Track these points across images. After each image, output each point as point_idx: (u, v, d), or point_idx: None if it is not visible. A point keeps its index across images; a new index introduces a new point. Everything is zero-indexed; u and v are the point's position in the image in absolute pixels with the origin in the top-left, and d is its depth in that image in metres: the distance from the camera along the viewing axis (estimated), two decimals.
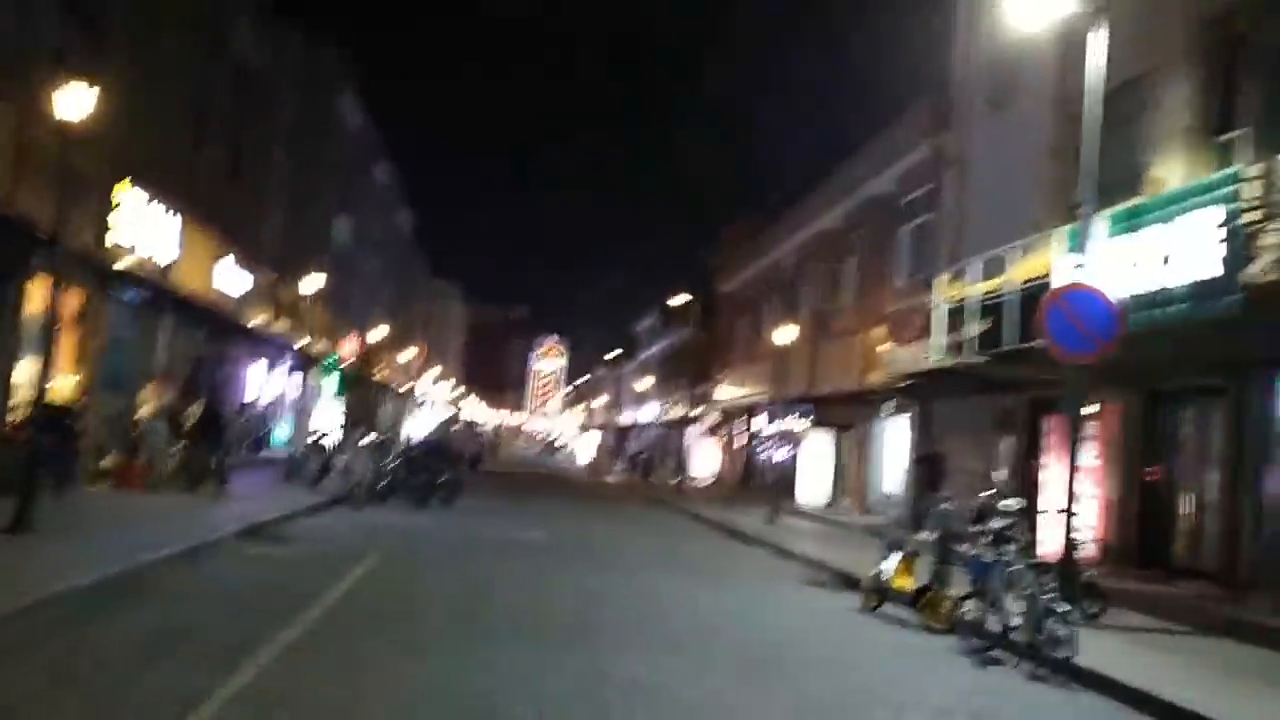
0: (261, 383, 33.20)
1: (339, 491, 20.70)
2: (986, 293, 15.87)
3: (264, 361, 32.87)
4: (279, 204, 38.47)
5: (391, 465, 21.89)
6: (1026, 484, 17.07)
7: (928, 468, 20.31)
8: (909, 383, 21.91)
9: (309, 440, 23.84)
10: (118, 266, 18.88)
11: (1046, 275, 13.99)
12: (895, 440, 26.23)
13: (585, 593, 11.58)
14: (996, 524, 11.32)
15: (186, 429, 18.85)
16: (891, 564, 12.22)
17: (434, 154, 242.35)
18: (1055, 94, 17.41)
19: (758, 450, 40.15)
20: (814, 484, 29.92)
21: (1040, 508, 16.12)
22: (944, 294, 17.35)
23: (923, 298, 20.32)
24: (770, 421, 37.61)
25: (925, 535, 12.19)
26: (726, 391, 42.47)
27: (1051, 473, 16.53)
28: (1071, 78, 17.31)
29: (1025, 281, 14.66)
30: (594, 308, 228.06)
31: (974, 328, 16.33)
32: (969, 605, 10.51)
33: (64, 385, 18.78)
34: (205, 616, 8.28)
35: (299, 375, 37.83)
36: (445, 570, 12.45)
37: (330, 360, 41.80)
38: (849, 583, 14.68)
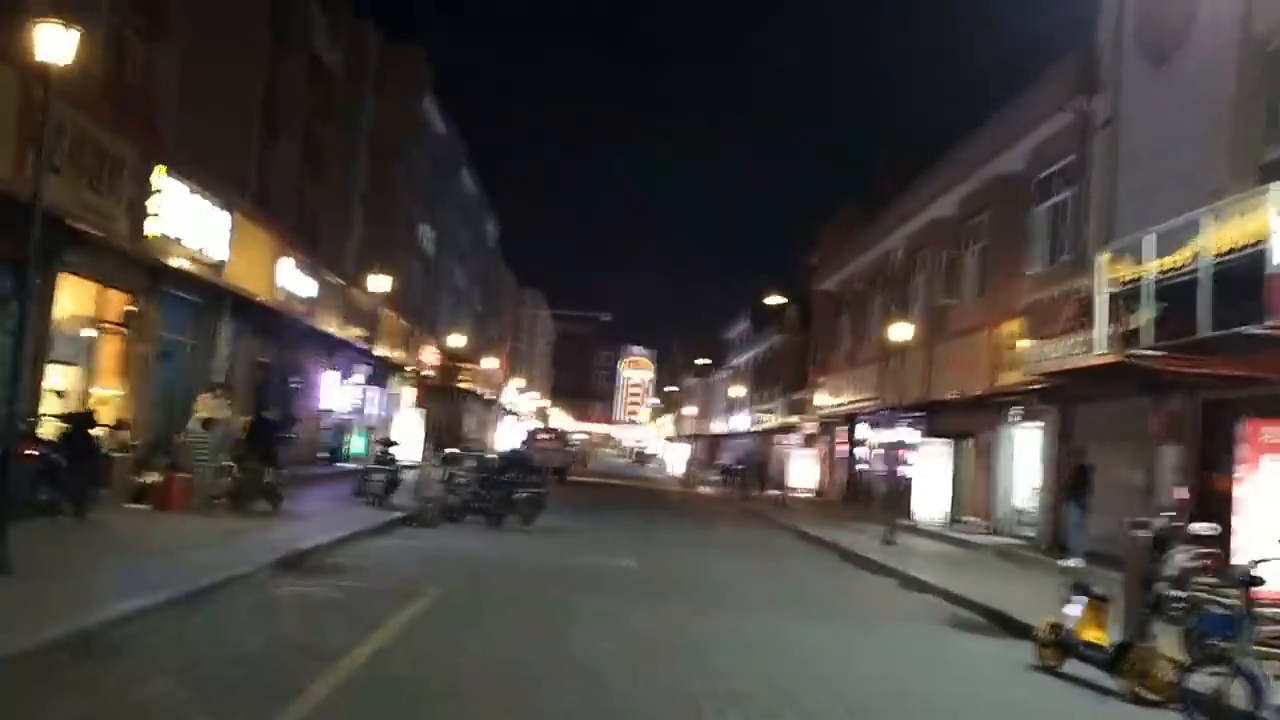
0: (336, 392, 31.58)
1: (409, 509, 18.64)
2: (1165, 271, 13.08)
3: (338, 370, 31.25)
4: (359, 206, 37.20)
5: (466, 480, 19.70)
6: (1203, 503, 14.22)
7: (1079, 481, 17.38)
8: (1047, 384, 19.09)
9: (376, 452, 21.83)
10: (168, 262, 17.13)
11: (1254, 243, 11.23)
12: (1025, 450, 23.34)
13: (690, 647, 9.16)
14: (1181, 556, 8.76)
15: (233, 442, 16.96)
16: (1076, 610, 9.58)
17: (518, 162, 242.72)
18: (1240, 37, 14.56)
19: (862, 461, 37.34)
20: (931, 499, 27.06)
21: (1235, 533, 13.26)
22: (1108, 275, 14.55)
23: (1069, 284, 17.52)
24: (876, 430, 34.85)
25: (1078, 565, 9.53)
26: (826, 398, 39.70)
27: (1249, 490, 13.61)
28: (1264, 15, 14.50)
29: (1222, 254, 11.87)
30: (683, 315, 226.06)
31: (1145, 314, 13.56)
32: (1195, 672, 7.90)
33: (107, 394, 17.17)
34: (161, 699, 6.06)
35: (377, 384, 36.20)
36: (512, 614, 10.15)
37: (412, 369, 40.17)
38: (1002, 622, 12.07)
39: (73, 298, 16.64)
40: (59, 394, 15.41)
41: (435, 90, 45.28)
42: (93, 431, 13.73)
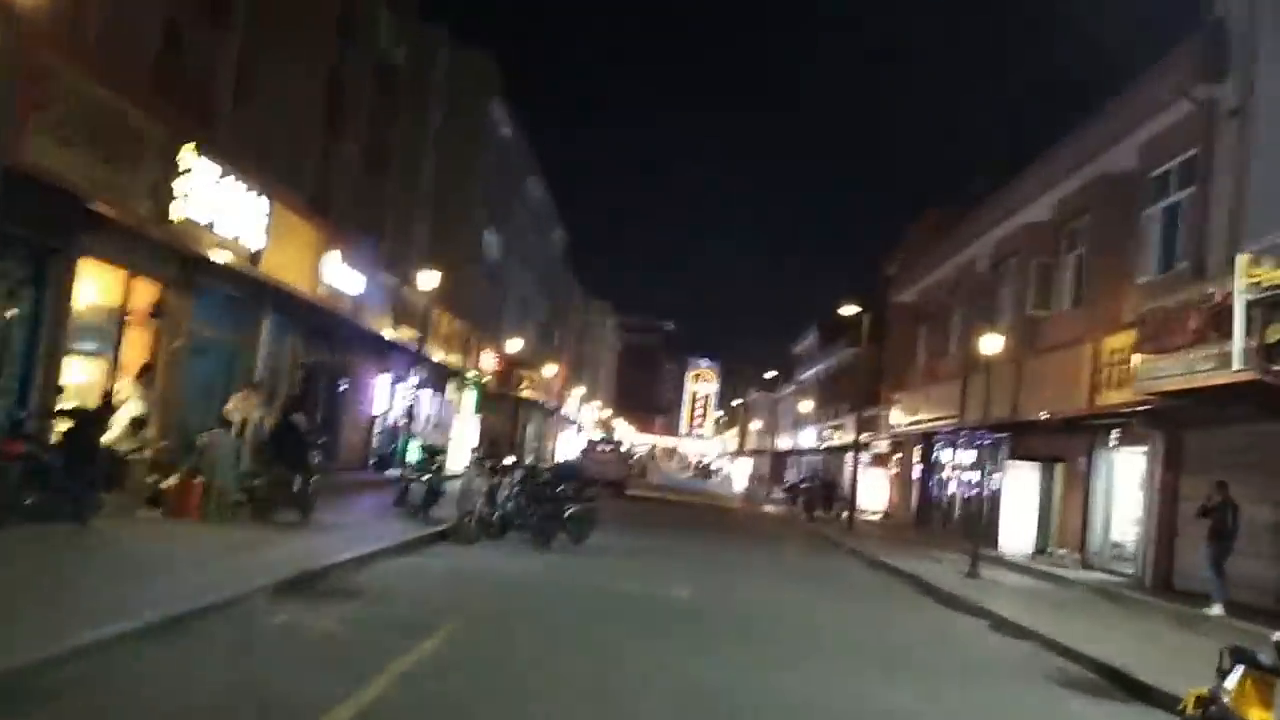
0: (388, 396, 30.41)
1: (449, 523, 17.18)
2: None
3: (391, 373, 30.07)
4: (423, 209, 36.25)
5: (511, 493, 18.18)
6: None
7: (1221, 518, 15.21)
8: (1156, 405, 17.11)
9: (416, 459, 20.45)
10: (199, 250, 15.95)
11: None
12: (1125, 477, 21.29)
13: (753, 712, 7.50)
14: None
15: (259, 446, 15.66)
16: (1232, 682, 7.72)
17: (583, 171, 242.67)
18: None
19: (937, 483, 35.24)
20: (1016, 527, 24.97)
21: None
22: (1247, 281, 12.59)
23: (1185, 292, 15.55)
24: (954, 451, 32.78)
25: None
26: (900, 416, 37.65)
27: None
28: None
29: None
30: (751, 328, 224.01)
31: None
32: None
33: (130, 390, 15.99)
34: None
35: (432, 389, 35.02)
36: (541, 660, 8.53)
37: (471, 375, 38.97)
38: (1122, 682, 10.23)
39: (98, 285, 15.54)
40: (79, 388, 14.29)
41: (505, 97, 44.57)
42: (101, 430, 12.42)
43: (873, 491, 41.82)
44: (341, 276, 22.28)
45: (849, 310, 36.87)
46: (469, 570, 13.52)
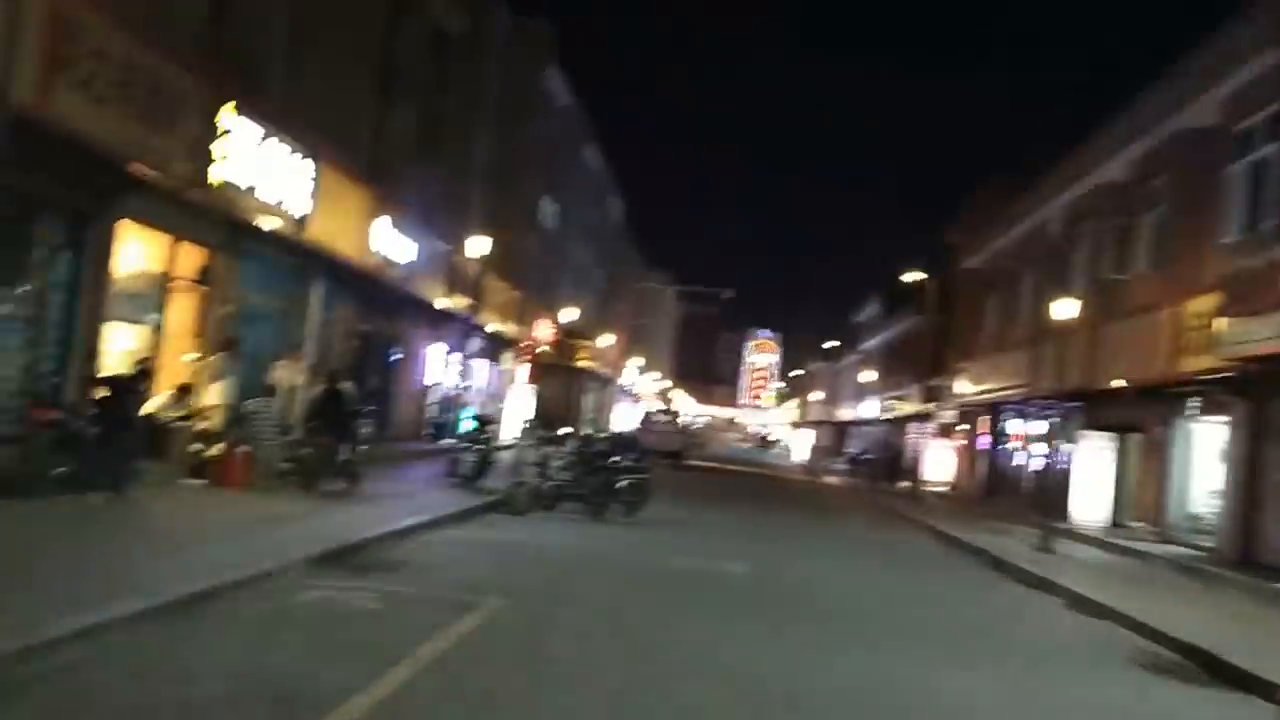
0: (442, 366, 30.13)
1: (500, 494, 16.78)
2: None
3: (445, 342, 29.77)
4: (478, 178, 35.88)
5: (563, 464, 17.71)
6: None
7: None
8: (1243, 371, 16.14)
9: (467, 428, 20.05)
10: (242, 213, 15.62)
11: None
12: (1205, 448, 20.25)
13: (814, 700, 6.89)
14: None
15: (304, 415, 15.34)
16: None
17: (640, 139, 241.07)
18: None
19: (1006, 455, 34.19)
20: (1089, 499, 24.00)
21: None
22: None
23: (1273, 252, 14.53)
24: (1024, 421, 31.71)
25: None
26: (967, 385, 36.59)
27: None
28: None
29: None
30: (811, 297, 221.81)
31: None
32: None
33: (176, 358, 15.76)
34: None
35: (487, 359, 34.74)
36: (585, 641, 8.00)
37: (524, 344, 38.65)
38: (1211, 666, 9.47)
39: (141, 250, 15.28)
40: (126, 356, 14.07)
41: (562, 65, 44.02)
42: (140, 399, 12.12)
43: (938, 463, 40.82)
44: (393, 244, 21.93)
45: (913, 277, 35.85)
46: (517, 543, 13.07)
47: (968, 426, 38.72)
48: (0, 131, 7.19)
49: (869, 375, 59.94)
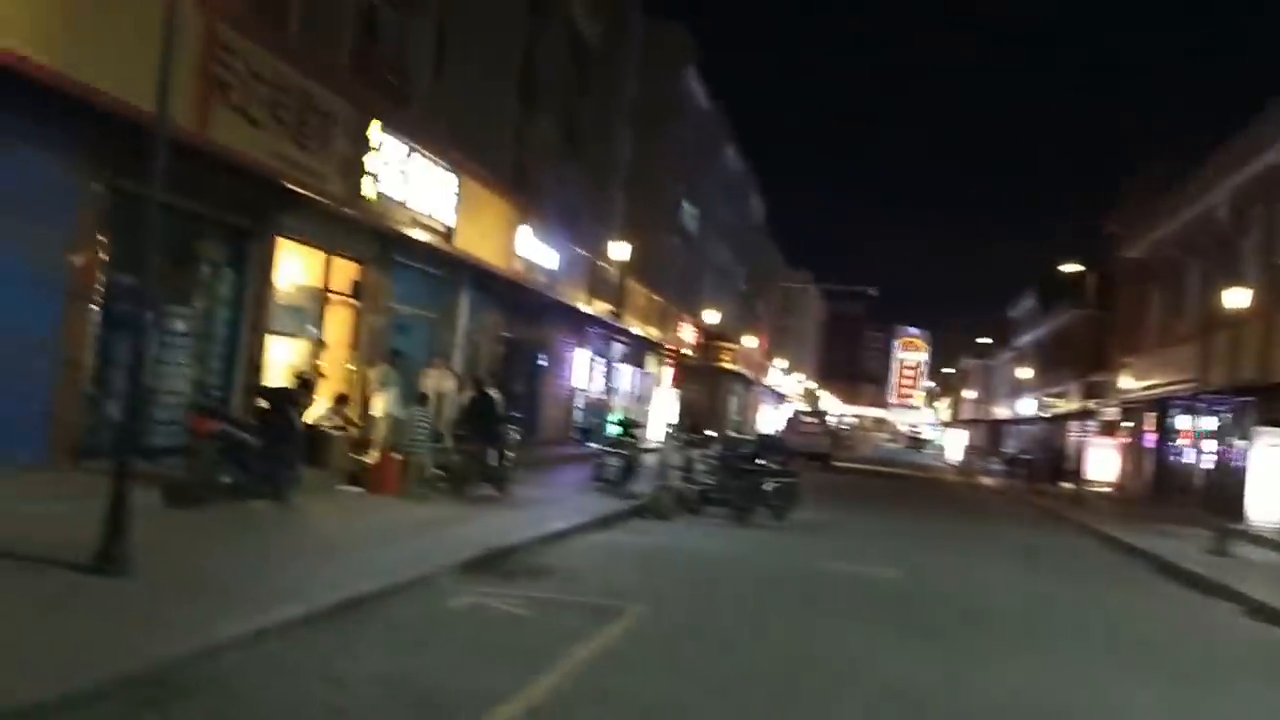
0: (587, 370, 30.43)
1: (647, 498, 16.76)
2: None
3: (590, 347, 30.07)
4: (619, 182, 36.19)
5: (708, 467, 17.58)
6: None
7: None
8: None
9: (612, 432, 20.14)
10: (393, 227, 16.08)
11: None
12: None
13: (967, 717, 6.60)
14: None
15: (454, 421, 15.64)
16: None
17: (782, 138, 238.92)
18: None
19: (1174, 452, 32.43)
20: (1266, 499, 22.52)
21: None
22: None
23: None
24: (1194, 416, 30.03)
25: None
26: (1130, 380, 34.89)
27: None
28: None
29: None
30: (962, 293, 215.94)
31: None
32: None
33: (334, 369, 16.33)
34: None
35: (632, 363, 34.93)
36: (732, 650, 7.84)
37: (668, 347, 38.73)
38: None
39: (298, 265, 15.90)
40: (287, 368, 14.66)
41: (699, 67, 44.08)
42: (301, 408, 12.56)
43: (1101, 462, 39.06)
44: (537, 251, 22.25)
45: (1070, 269, 34.38)
46: (663, 548, 13.03)
47: (1132, 424, 36.94)
48: (162, 154, 7.49)
49: (1025, 372, 57.89)
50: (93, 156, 10.49)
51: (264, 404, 12.15)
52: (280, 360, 15.08)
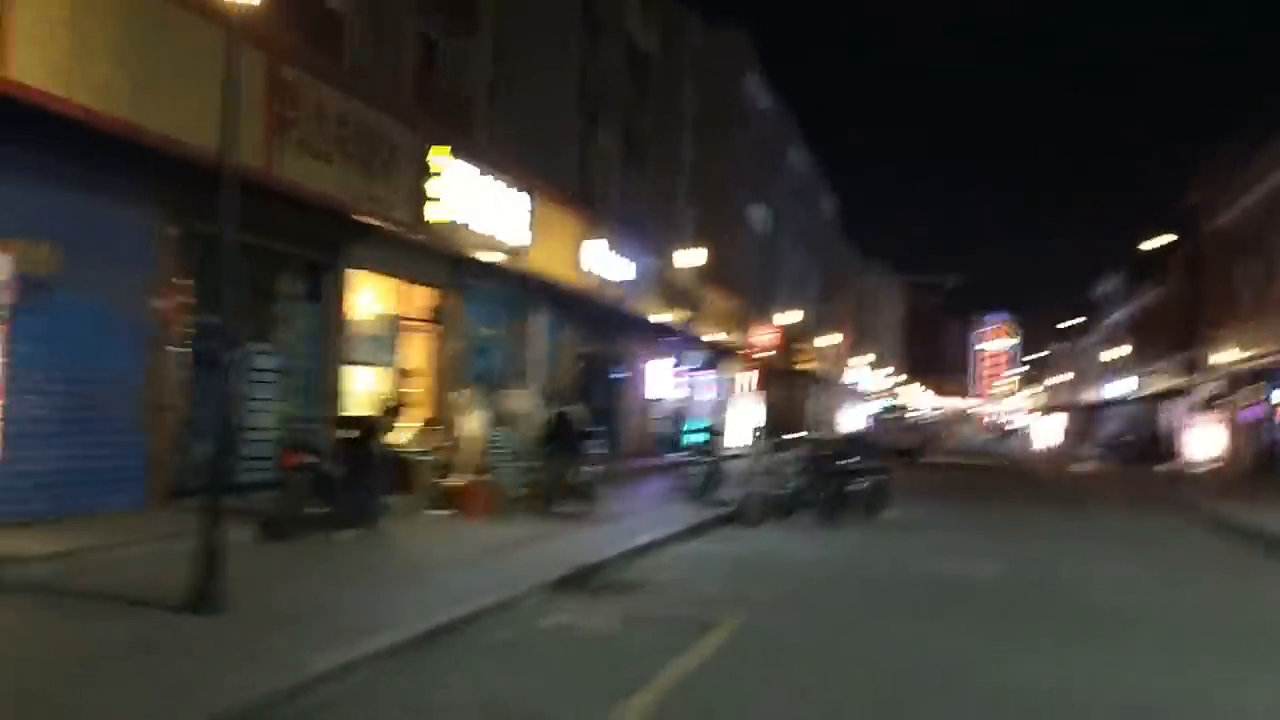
0: (665, 380, 30.30)
1: (731, 505, 16.58)
2: None
3: (667, 357, 29.96)
4: (685, 191, 36.09)
5: (794, 470, 17.32)
6: None
7: None
8: None
9: (695, 441, 19.98)
10: (464, 251, 16.20)
11: None
12: None
13: None
14: None
15: (535, 439, 15.64)
16: None
17: (848, 131, 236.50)
18: None
19: (1278, 427, 31.20)
20: None
21: None
22: None
23: None
24: None
25: None
26: (1228, 354, 33.67)
27: None
28: None
29: None
30: (1043, 277, 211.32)
31: None
32: None
33: (411, 395, 16.48)
34: None
35: (710, 370, 34.72)
36: (831, 659, 7.62)
37: (746, 352, 38.46)
38: None
39: (375, 295, 16.10)
40: (370, 396, 14.83)
41: (760, 68, 43.88)
42: (381, 436, 12.65)
43: (1202, 440, 37.74)
44: (607, 264, 22.25)
45: (1156, 244, 33.33)
46: (753, 555, 12.83)
47: (1233, 399, 35.63)
48: (228, 194, 7.59)
49: (1115, 353, 56.31)
50: (167, 202, 10.73)
51: (346, 434, 12.26)
52: (362, 389, 15.28)
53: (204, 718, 5.25)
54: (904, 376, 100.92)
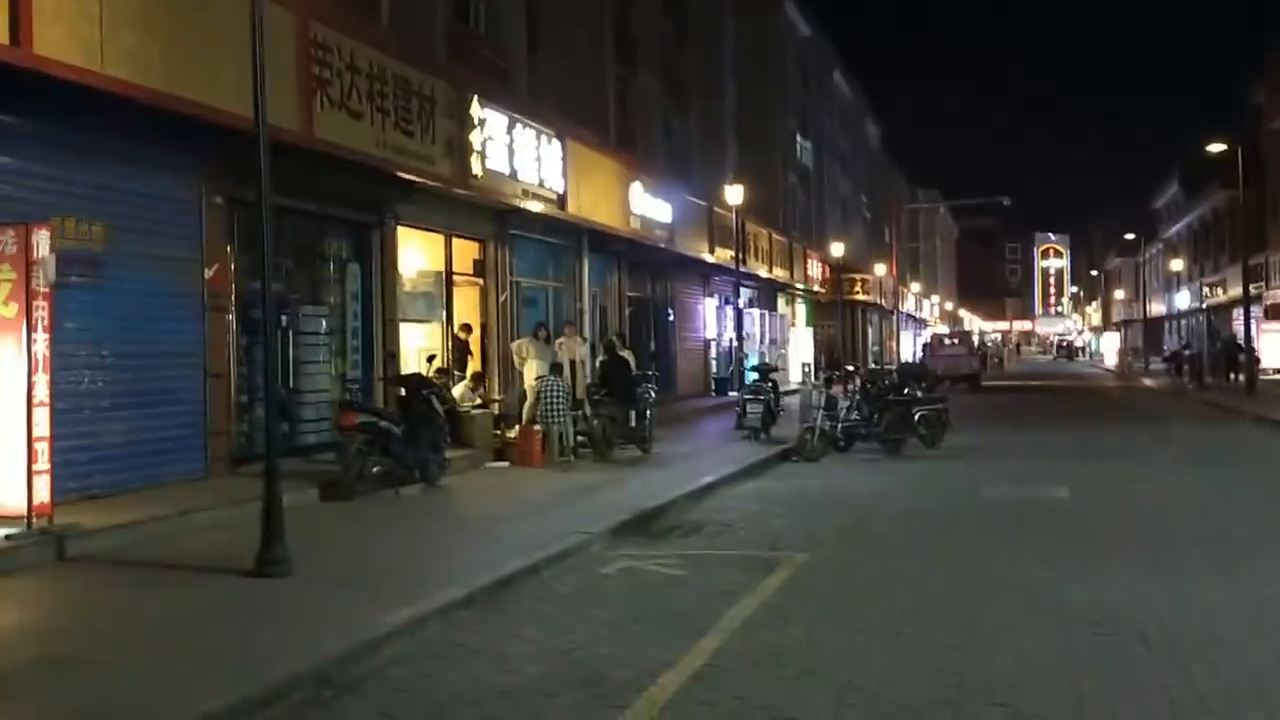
0: (716, 320, 30.14)
1: (790, 442, 16.46)
2: None
3: (717, 296, 29.76)
4: (729, 129, 35.58)
5: (854, 402, 17.12)
6: None
7: None
8: None
9: (750, 379, 19.81)
10: (507, 202, 16.08)
11: None
12: None
13: (1181, 643, 6.11)
14: None
15: (589, 386, 15.62)
16: None
17: (889, 56, 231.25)
18: None
19: None
20: None
21: None
22: None
23: None
24: None
25: None
26: None
27: None
28: None
29: None
30: (1098, 191, 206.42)
31: None
32: None
33: (464, 349, 16.50)
34: None
35: (762, 307, 34.44)
36: (900, 593, 7.49)
37: (797, 287, 38.09)
38: None
39: (421, 251, 16.09)
40: (422, 353, 14.87)
41: None
42: (436, 391, 12.67)
43: (1273, 348, 36.78)
44: (652, 207, 22.02)
45: (1217, 148, 32.23)
46: (814, 490, 12.74)
47: None
48: (264, 158, 7.54)
49: (1177, 263, 54.98)
50: (210, 171, 10.72)
51: (402, 391, 12.32)
52: (414, 346, 15.33)
53: (284, 677, 5.29)
54: (958, 301, 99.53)
